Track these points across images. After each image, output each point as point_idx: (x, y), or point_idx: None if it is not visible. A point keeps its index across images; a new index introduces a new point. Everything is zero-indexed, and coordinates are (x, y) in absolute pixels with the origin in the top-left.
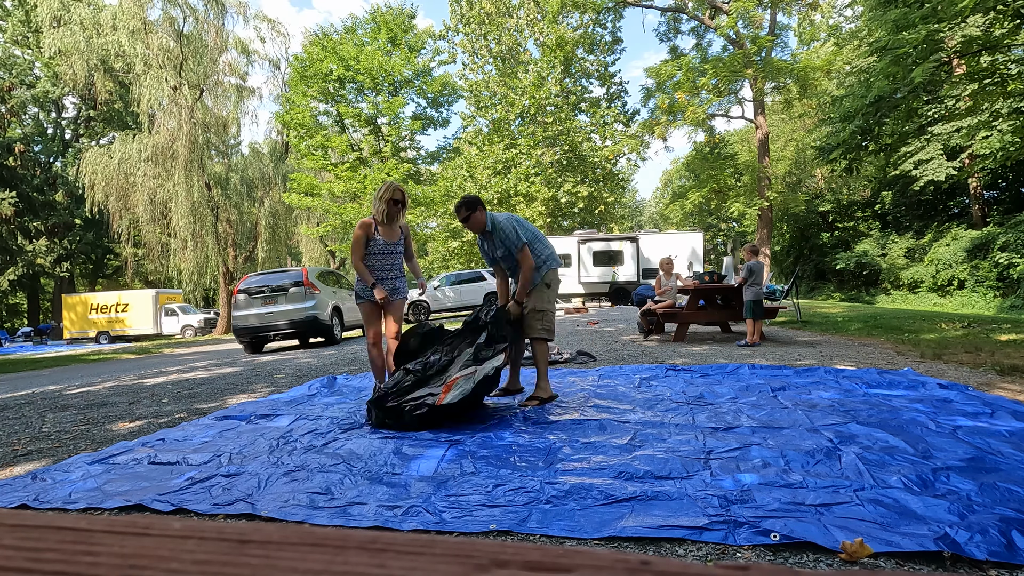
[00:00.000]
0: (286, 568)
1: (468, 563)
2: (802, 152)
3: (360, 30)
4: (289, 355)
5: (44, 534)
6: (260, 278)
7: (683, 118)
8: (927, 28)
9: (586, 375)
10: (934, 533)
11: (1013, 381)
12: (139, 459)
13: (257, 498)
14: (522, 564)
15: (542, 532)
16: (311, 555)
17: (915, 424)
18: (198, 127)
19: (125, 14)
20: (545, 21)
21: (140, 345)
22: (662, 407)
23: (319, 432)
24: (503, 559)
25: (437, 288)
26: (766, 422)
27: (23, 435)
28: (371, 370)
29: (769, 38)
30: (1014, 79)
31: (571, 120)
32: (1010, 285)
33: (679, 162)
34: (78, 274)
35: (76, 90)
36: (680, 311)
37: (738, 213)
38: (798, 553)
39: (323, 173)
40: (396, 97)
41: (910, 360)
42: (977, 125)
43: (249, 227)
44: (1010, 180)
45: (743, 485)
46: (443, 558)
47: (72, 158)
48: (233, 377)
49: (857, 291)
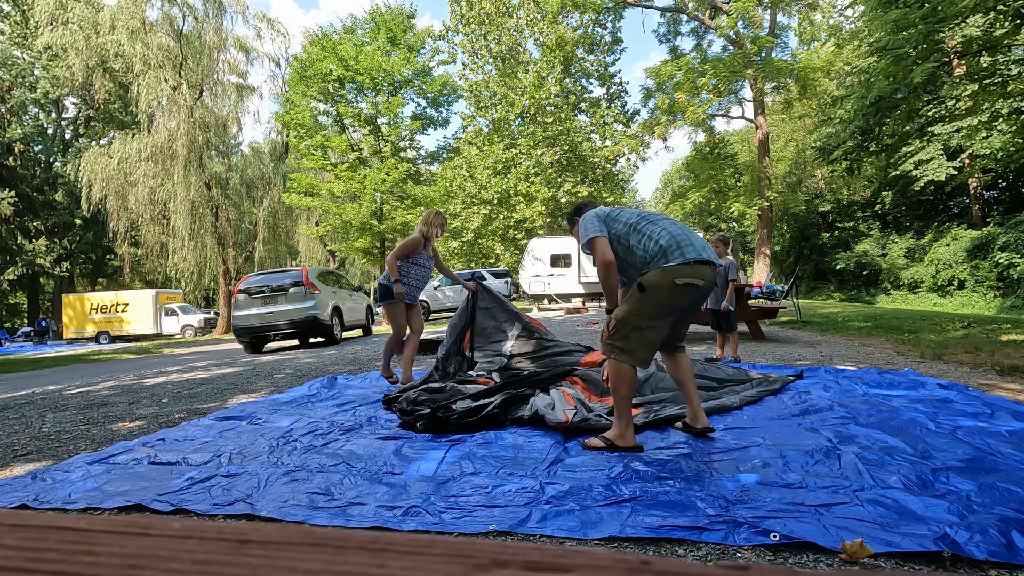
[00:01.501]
0: (286, 568)
1: (468, 563)
2: (802, 152)
3: (360, 30)
4: (289, 355)
5: (44, 534)
6: (260, 278)
7: (683, 118)
8: (927, 28)
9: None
10: (934, 533)
11: (1013, 381)
12: (139, 459)
13: (257, 498)
14: (522, 564)
15: (542, 532)
16: (311, 555)
17: (915, 424)
18: (198, 127)
19: (124, 14)
20: (545, 21)
21: (140, 345)
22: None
23: (319, 432)
24: (503, 559)
25: (437, 288)
26: (765, 422)
27: (23, 435)
28: (382, 368)
29: (769, 38)
30: (1014, 79)
31: (571, 120)
32: (1010, 285)
33: (678, 163)
34: (78, 274)
35: (75, 90)
36: None
37: (738, 213)
38: (798, 553)
39: (323, 173)
40: (396, 97)
41: (910, 360)
42: (977, 125)
43: (249, 227)
44: (1010, 180)
45: (743, 485)
46: (443, 558)
47: (72, 158)
48: (233, 377)
49: (857, 291)
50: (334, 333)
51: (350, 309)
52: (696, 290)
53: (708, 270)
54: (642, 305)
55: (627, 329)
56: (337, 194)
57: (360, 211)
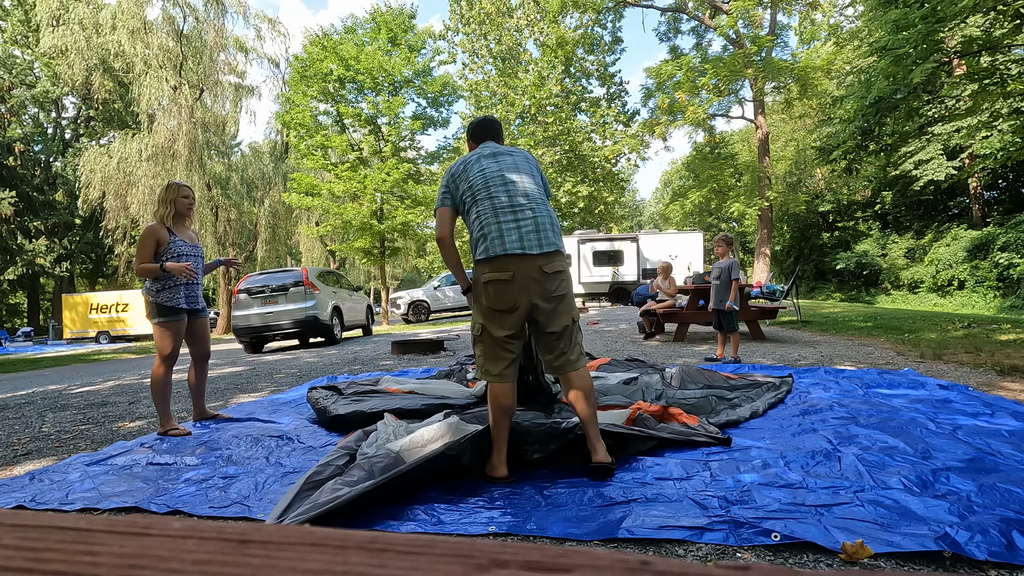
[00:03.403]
0: (286, 568)
1: (468, 563)
2: (802, 152)
3: (360, 30)
4: (289, 355)
5: (44, 534)
6: (260, 278)
7: (683, 118)
8: (927, 28)
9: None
10: (934, 533)
11: (1013, 381)
12: (137, 460)
13: (254, 500)
14: (522, 564)
15: (542, 534)
16: (311, 555)
17: (915, 424)
18: (198, 126)
19: (125, 14)
20: (545, 21)
21: (140, 345)
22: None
23: (319, 433)
24: (503, 559)
25: (437, 288)
26: (765, 422)
27: (23, 435)
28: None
29: (769, 38)
30: (1014, 79)
31: (571, 120)
32: (1010, 285)
33: (678, 163)
34: (78, 274)
35: (76, 90)
36: (680, 311)
37: (738, 213)
38: (798, 553)
39: (323, 173)
40: (396, 97)
41: (910, 360)
42: (977, 125)
43: (249, 227)
44: (1010, 180)
45: (743, 485)
46: (443, 558)
47: (72, 158)
48: (233, 377)
49: (857, 291)
50: (334, 333)
51: (350, 309)
52: (506, 285)
53: (521, 261)
54: (473, 308)
55: (473, 336)
56: (337, 194)
57: (360, 211)
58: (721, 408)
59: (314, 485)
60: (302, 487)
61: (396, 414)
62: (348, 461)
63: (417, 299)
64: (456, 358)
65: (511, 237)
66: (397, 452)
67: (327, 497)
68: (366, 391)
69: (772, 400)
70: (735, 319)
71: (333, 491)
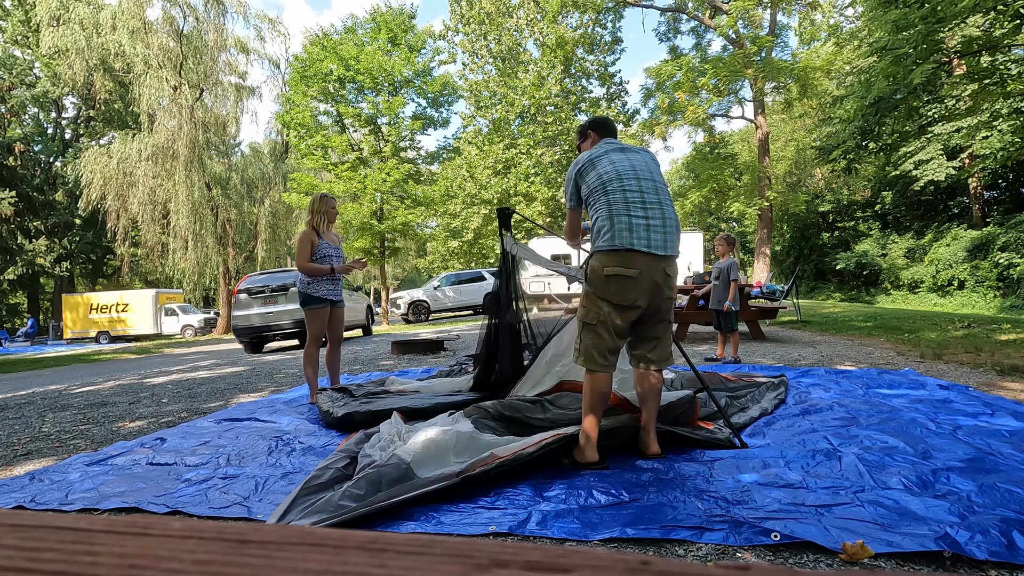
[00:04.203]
0: (286, 568)
1: (468, 563)
2: (802, 152)
3: (360, 30)
4: (289, 355)
5: (44, 534)
6: (260, 278)
7: (683, 118)
8: (927, 28)
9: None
10: (935, 533)
11: (1013, 381)
12: (137, 460)
13: (254, 501)
14: (522, 564)
15: (541, 534)
16: (311, 555)
17: (915, 424)
18: (198, 127)
19: (125, 14)
20: (545, 21)
21: (140, 345)
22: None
23: (319, 433)
24: (503, 559)
25: (437, 288)
26: (766, 422)
27: (23, 435)
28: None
29: (769, 38)
30: (1014, 79)
31: (571, 120)
32: (1010, 285)
33: (678, 163)
34: (78, 274)
35: (76, 90)
36: (680, 311)
37: (738, 213)
38: (798, 554)
39: (323, 173)
40: (396, 97)
41: (910, 360)
42: (977, 125)
43: (249, 227)
44: (1010, 180)
45: (743, 485)
46: (443, 558)
47: (72, 158)
48: (233, 377)
49: (857, 291)
50: None
51: (350, 309)
52: (631, 283)
53: (647, 260)
54: (594, 297)
55: (579, 325)
56: (337, 194)
57: (360, 211)
58: (732, 412)
59: (313, 489)
60: (300, 492)
61: (404, 413)
62: (348, 464)
63: (417, 299)
64: (456, 358)
65: (639, 233)
66: (408, 464)
67: (330, 511)
68: (376, 392)
69: (775, 400)
70: (735, 319)
71: (339, 506)
